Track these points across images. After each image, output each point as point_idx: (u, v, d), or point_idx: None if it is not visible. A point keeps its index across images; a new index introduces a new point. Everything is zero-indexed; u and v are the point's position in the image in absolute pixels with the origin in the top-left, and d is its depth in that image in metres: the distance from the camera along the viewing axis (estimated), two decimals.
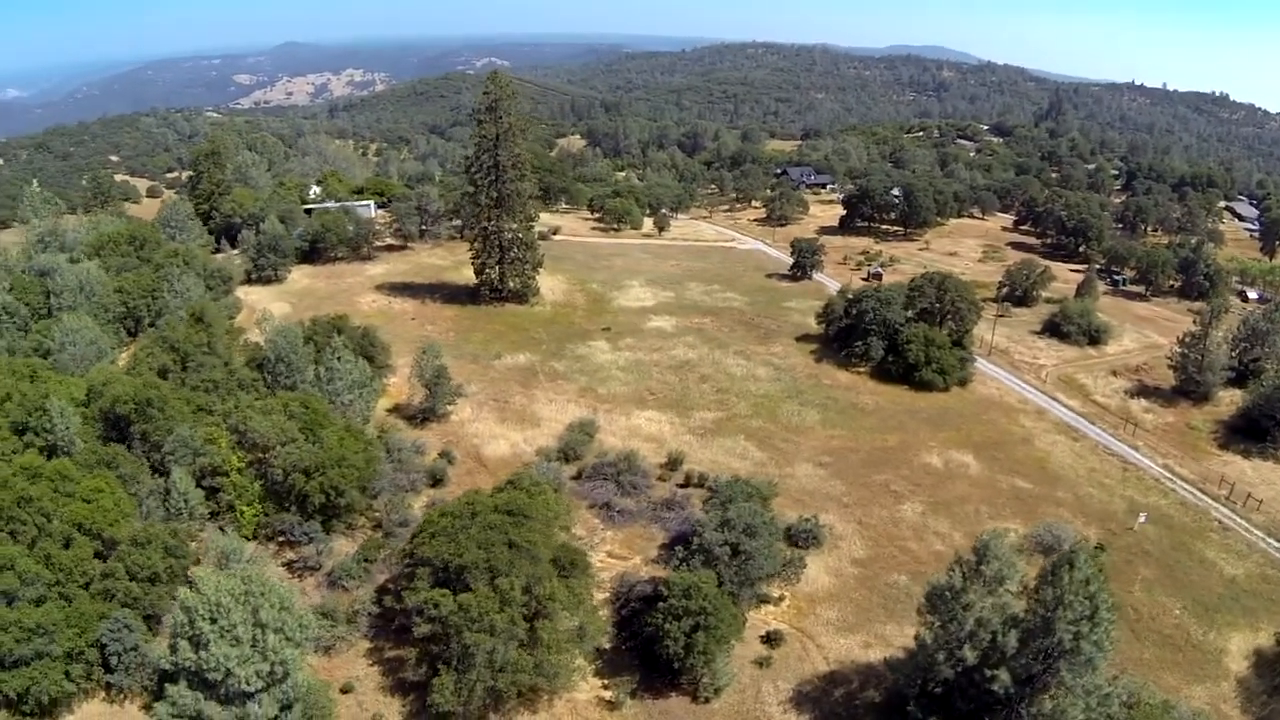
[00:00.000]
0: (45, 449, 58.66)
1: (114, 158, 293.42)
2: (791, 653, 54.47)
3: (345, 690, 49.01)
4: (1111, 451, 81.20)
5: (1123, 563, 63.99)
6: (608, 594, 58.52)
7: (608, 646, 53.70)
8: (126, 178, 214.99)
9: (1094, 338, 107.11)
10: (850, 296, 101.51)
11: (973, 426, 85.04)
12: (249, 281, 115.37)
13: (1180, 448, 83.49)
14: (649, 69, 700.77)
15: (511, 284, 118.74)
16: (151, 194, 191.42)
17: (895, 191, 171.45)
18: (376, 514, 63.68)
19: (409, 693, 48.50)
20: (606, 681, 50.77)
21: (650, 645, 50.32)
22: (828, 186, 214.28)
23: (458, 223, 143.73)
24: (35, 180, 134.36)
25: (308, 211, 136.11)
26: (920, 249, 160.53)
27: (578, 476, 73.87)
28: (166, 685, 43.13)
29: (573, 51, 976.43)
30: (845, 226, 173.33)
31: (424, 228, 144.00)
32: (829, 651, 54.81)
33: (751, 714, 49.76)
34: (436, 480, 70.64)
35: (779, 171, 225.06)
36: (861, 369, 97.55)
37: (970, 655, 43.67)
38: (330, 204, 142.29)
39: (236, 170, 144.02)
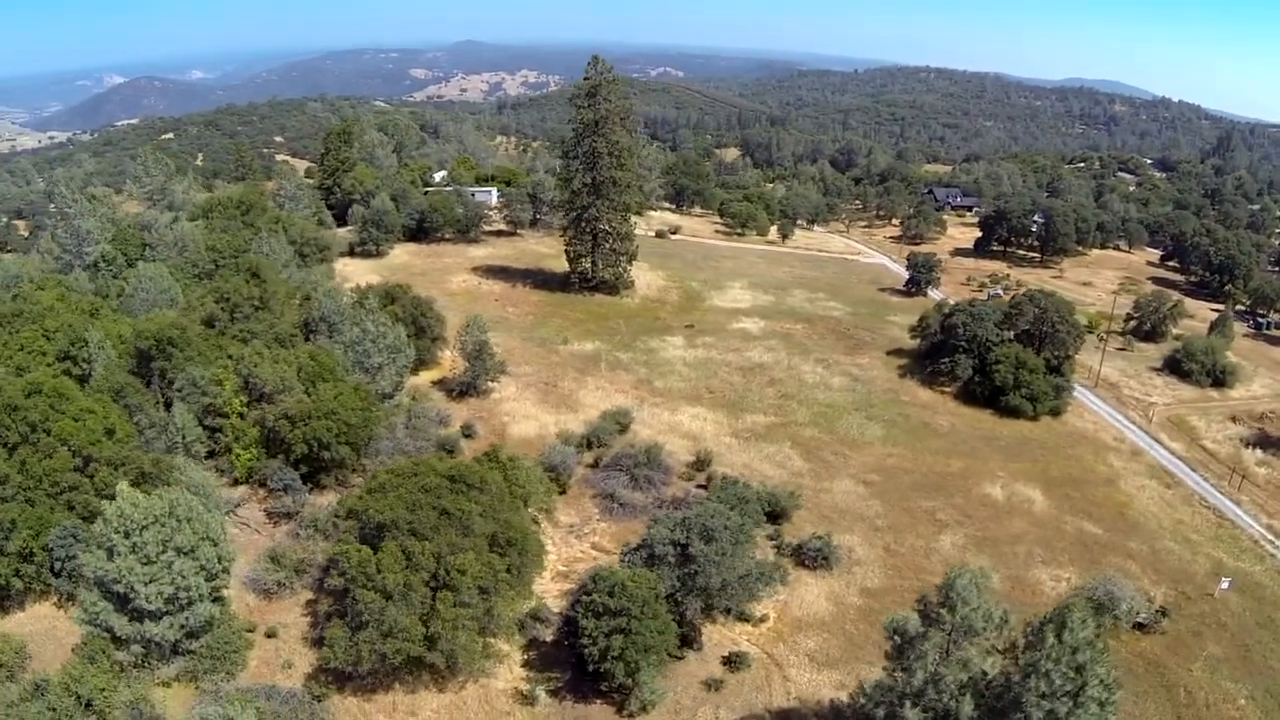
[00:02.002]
0: (81, 376, 62.69)
1: (278, 138, 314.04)
2: (751, 680, 48.27)
3: (270, 634, 48.26)
4: (1207, 504, 68.27)
5: (1188, 633, 52.85)
6: (574, 585, 54.84)
7: (549, 639, 49.93)
8: (287, 158, 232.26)
9: (1218, 379, 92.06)
10: (946, 311, 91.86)
11: (1052, 460, 74.03)
12: (351, 254, 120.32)
13: None
14: (820, 87, 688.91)
15: (605, 274, 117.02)
16: (309, 174, 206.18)
17: (1037, 217, 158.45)
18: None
19: None
20: (532, 674, 47.07)
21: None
22: (973, 210, 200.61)
23: None
24: (200, 155, 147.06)
25: (427, 193, 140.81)
26: (1054, 277, 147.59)
27: (595, 465, 70.53)
28: (82, 592, 43.95)
29: (747, 66, 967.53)
30: (980, 249, 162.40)
31: (537, 216, 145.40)
32: (795, 686, 48.13)
33: None
34: (448, 451, 69.24)
35: (925, 191, 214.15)
36: (947, 388, 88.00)
37: (913, 717, 36.21)
38: (448, 188, 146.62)
39: (363, 149, 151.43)
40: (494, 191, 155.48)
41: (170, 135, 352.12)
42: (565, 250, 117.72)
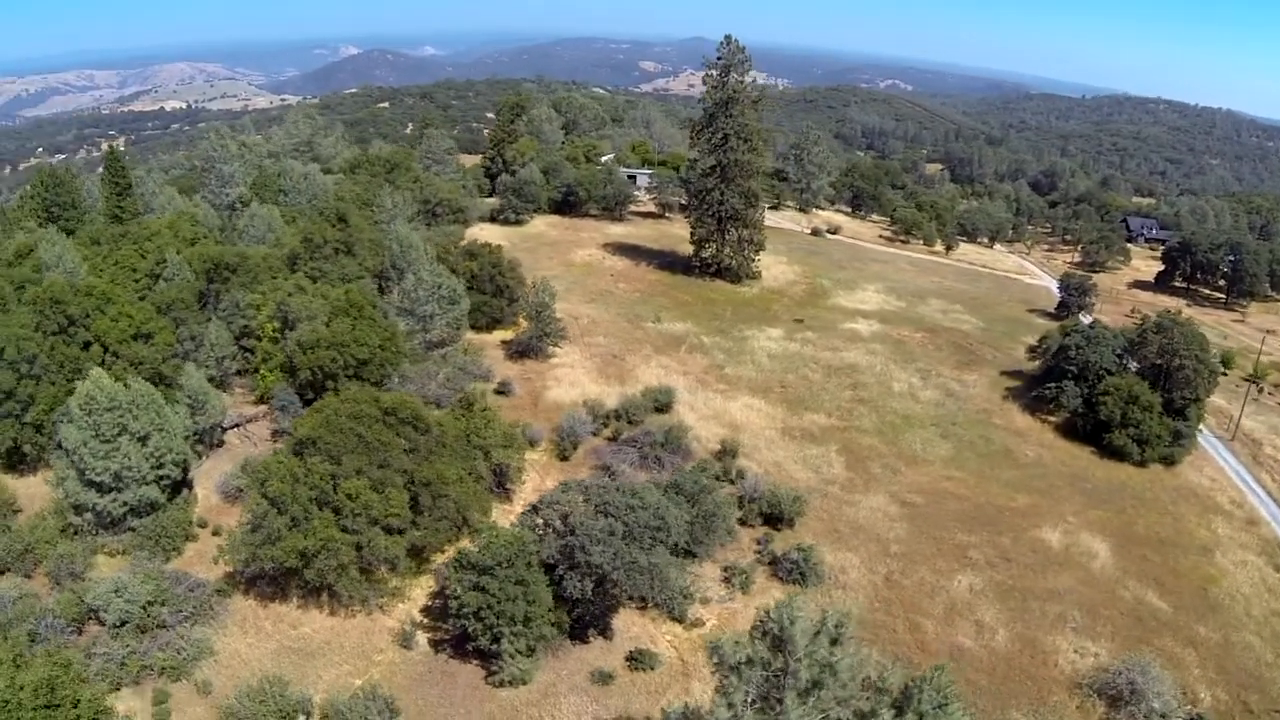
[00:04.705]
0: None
1: (490, 115, 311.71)
2: (646, 684, 43.86)
3: (215, 532, 51.04)
4: None
5: None
6: None
7: None
8: None
9: None
10: (1067, 332, 79.50)
11: (1142, 513, 61.26)
12: (492, 220, 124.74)
13: None
14: (1044, 111, 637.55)
15: (729, 261, 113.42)
16: None
17: (1229, 255, 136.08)
18: None
19: None
20: (426, 621, 45.95)
21: None
22: (1167, 244, 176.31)
23: None
24: (410, 124, 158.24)
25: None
26: (1234, 320, 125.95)
27: (614, 438, 68.02)
28: (54, 459, 48.55)
29: (975, 85, 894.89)
30: (1161, 284, 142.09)
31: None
32: (694, 701, 42.82)
33: None
34: (469, 405, 69.64)
35: (1119, 220, 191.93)
36: (1050, 417, 76.07)
37: None
38: (611, 166, 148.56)
39: (530, 124, 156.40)
40: (651, 173, 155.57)
41: (385, 105, 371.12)
42: (690, 233, 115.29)
